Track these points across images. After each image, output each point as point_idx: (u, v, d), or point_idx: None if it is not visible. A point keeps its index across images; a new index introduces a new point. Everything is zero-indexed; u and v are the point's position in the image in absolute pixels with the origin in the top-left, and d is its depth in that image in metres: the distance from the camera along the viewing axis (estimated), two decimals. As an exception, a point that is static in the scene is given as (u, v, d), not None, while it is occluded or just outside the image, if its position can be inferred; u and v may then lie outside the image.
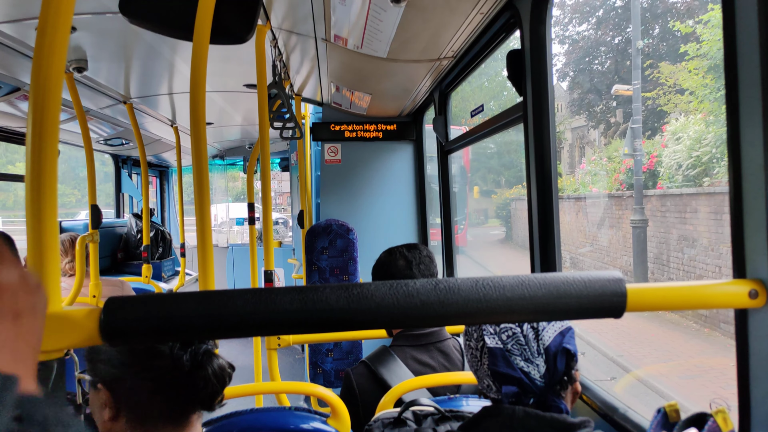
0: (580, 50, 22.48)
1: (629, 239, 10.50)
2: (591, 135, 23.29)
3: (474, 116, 3.32)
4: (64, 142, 4.99)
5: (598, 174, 13.71)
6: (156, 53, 2.81)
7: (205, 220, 1.39)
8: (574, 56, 22.73)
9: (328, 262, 3.80)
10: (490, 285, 0.81)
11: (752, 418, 1.02)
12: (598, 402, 1.66)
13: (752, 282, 0.94)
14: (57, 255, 0.77)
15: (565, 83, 23.25)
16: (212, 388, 1.12)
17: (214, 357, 1.14)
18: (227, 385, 1.16)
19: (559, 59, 23.09)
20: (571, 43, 23.41)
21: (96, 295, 3.32)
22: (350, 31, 2.31)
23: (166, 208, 8.08)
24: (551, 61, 1.85)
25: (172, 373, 1.08)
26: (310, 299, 0.78)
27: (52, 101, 0.76)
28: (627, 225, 10.63)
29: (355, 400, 1.86)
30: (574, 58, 22.71)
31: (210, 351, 1.13)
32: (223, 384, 1.15)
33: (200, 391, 1.11)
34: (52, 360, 0.75)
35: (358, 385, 1.87)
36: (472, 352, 1.11)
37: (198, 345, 1.12)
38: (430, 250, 2.14)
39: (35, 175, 0.75)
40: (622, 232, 11.18)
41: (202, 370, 1.10)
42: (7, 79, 2.87)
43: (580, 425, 1.00)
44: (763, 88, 0.94)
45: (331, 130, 4.15)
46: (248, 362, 3.49)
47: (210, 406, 1.15)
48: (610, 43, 22.00)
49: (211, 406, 1.15)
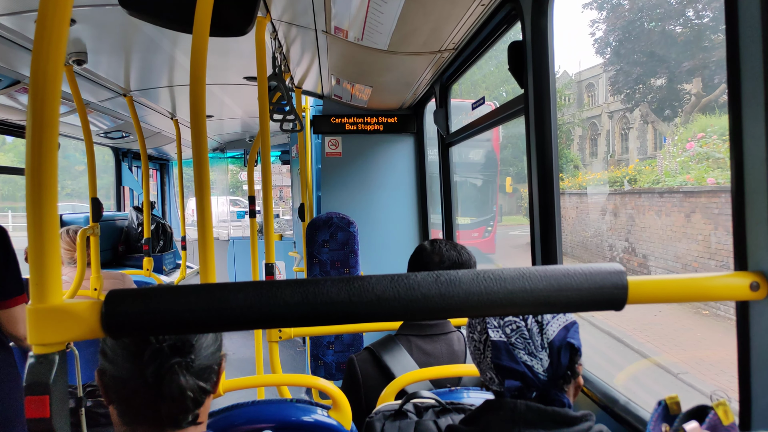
0: (631, 9, 19.00)
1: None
2: (637, 116, 20.92)
3: (474, 109, 3.32)
4: (64, 135, 4.99)
5: (712, 157, 9.54)
6: (156, 46, 2.80)
7: (205, 213, 1.39)
8: (620, 20, 19.21)
9: (329, 255, 3.80)
10: (491, 278, 0.81)
11: (753, 410, 1.02)
12: (599, 394, 1.66)
13: (754, 274, 0.94)
14: (57, 248, 0.76)
15: (601, 57, 19.58)
16: (169, 409, 1.03)
17: (179, 375, 1.02)
18: (191, 410, 1.06)
19: (598, 27, 20.15)
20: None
21: (97, 287, 3.32)
22: (351, 23, 2.30)
23: (167, 201, 8.08)
24: (553, 54, 1.84)
25: (136, 380, 1.02)
26: (312, 292, 0.78)
27: (51, 94, 0.76)
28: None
29: (357, 386, 1.85)
30: (621, 22, 19.13)
31: (175, 368, 1.02)
32: (182, 407, 1.04)
33: (160, 407, 1.03)
34: (54, 353, 0.75)
35: (361, 370, 1.86)
36: (475, 345, 1.11)
37: (169, 360, 1.02)
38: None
39: (35, 167, 0.75)
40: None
41: (163, 387, 1.01)
42: (7, 71, 2.87)
43: (582, 419, 1.00)
44: (765, 81, 0.93)
45: (332, 122, 4.14)
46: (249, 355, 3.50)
47: (175, 423, 1.06)
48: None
49: (177, 423, 1.06)
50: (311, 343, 3.88)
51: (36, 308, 0.74)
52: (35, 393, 0.72)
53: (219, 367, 1.15)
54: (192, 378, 1.04)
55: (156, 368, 1.01)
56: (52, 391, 0.72)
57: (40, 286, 0.75)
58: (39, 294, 0.75)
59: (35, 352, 0.74)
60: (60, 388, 0.74)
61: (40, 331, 0.74)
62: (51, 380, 0.73)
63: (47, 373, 0.73)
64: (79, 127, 3.32)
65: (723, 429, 0.88)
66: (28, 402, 0.72)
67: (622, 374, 7.19)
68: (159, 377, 1.01)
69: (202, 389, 1.06)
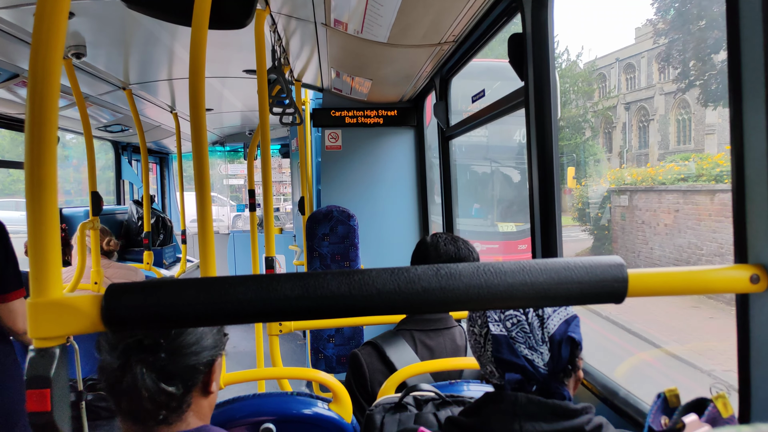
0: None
1: None
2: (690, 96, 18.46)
3: (475, 102, 3.31)
4: (64, 129, 4.98)
5: None
6: (155, 39, 2.79)
7: (205, 206, 1.39)
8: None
9: (330, 248, 3.80)
10: (492, 271, 0.81)
11: (752, 402, 1.02)
12: (598, 387, 1.67)
13: (754, 267, 0.94)
14: (57, 241, 0.76)
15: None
16: (127, 404, 1.02)
17: (138, 372, 1.01)
18: (148, 409, 1.04)
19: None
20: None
21: (97, 281, 3.33)
22: (350, 15, 2.29)
23: (167, 195, 8.07)
24: (553, 46, 1.84)
25: (112, 373, 1.02)
26: (312, 286, 0.78)
27: (50, 87, 0.76)
28: None
29: (363, 380, 1.83)
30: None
31: (134, 365, 1.01)
32: (138, 404, 1.03)
33: (120, 401, 1.03)
34: (54, 346, 0.75)
35: (367, 363, 1.84)
36: (475, 338, 1.11)
37: (135, 355, 1.02)
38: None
39: (35, 161, 0.74)
40: None
41: (122, 382, 1.01)
42: (6, 65, 2.86)
43: (582, 411, 1.01)
44: (766, 73, 0.93)
45: (332, 116, 4.13)
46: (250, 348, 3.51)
47: (135, 419, 1.05)
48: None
49: (138, 419, 1.05)
50: (312, 337, 3.89)
51: (36, 302, 0.74)
52: (36, 387, 0.72)
53: (209, 368, 1.13)
54: (152, 380, 1.03)
55: (123, 361, 1.02)
56: (52, 385, 0.73)
57: (39, 280, 0.75)
58: (39, 288, 0.75)
59: (35, 346, 0.74)
60: (61, 382, 0.74)
61: (40, 324, 0.74)
62: (52, 374, 0.73)
63: (48, 367, 0.73)
64: (78, 121, 3.31)
65: (722, 421, 0.88)
66: (28, 395, 0.72)
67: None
68: (123, 371, 1.02)
69: (164, 391, 1.04)
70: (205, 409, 1.17)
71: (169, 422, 1.08)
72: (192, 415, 1.12)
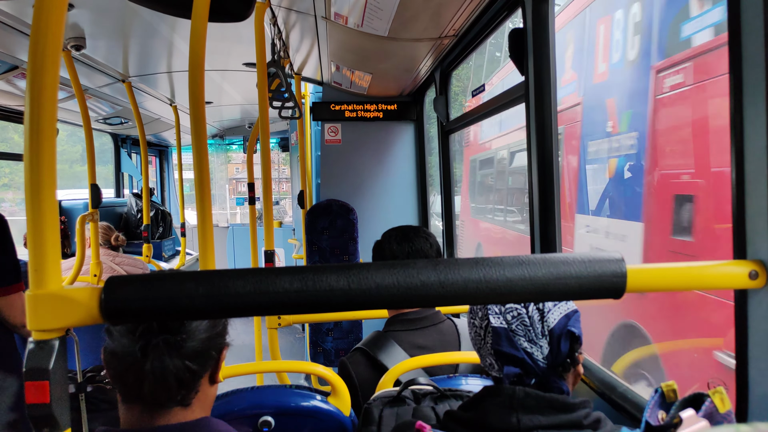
0: None
1: None
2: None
3: (474, 96, 3.30)
4: (63, 121, 4.98)
5: None
6: (154, 31, 2.79)
7: (205, 199, 1.39)
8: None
9: (329, 242, 3.81)
10: (490, 265, 0.81)
11: (750, 398, 1.02)
12: (596, 382, 1.67)
13: (752, 263, 0.94)
14: (57, 234, 0.76)
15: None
16: (151, 386, 1.03)
17: (164, 352, 1.03)
18: (174, 388, 1.05)
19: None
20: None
21: (97, 274, 3.33)
22: (350, 8, 2.29)
23: (166, 188, 8.07)
24: (554, 41, 1.83)
25: (128, 356, 1.02)
26: (311, 279, 0.78)
27: (50, 79, 0.76)
28: None
29: (354, 390, 1.77)
30: None
31: (160, 344, 1.03)
32: (164, 386, 1.04)
33: (141, 384, 1.03)
34: (54, 338, 0.75)
35: (356, 374, 1.80)
36: (476, 330, 1.12)
37: (157, 337, 1.03)
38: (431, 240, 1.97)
39: (34, 154, 0.74)
40: None
41: (147, 363, 1.02)
42: (5, 57, 2.85)
43: (580, 405, 1.01)
44: (767, 67, 0.93)
45: (332, 109, 4.13)
46: (249, 341, 3.52)
47: (157, 401, 1.06)
48: None
49: (161, 403, 1.06)
50: (310, 330, 3.90)
51: (35, 294, 0.74)
52: (35, 378, 0.72)
53: (219, 355, 1.15)
54: (178, 357, 1.05)
55: (144, 344, 1.02)
56: (51, 377, 0.73)
57: (39, 272, 0.75)
58: (38, 280, 0.75)
59: (35, 338, 0.74)
60: (60, 374, 0.74)
61: (39, 316, 0.74)
62: (51, 366, 0.73)
63: (47, 359, 0.73)
64: (77, 113, 3.31)
65: (719, 417, 0.88)
66: (28, 387, 0.72)
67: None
68: (146, 353, 1.02)
69: (188, 369, 1.06)
70: (209, 399, 1.18)
71: (185, 403, 1.10)
72: (197, 404, 1.13)
